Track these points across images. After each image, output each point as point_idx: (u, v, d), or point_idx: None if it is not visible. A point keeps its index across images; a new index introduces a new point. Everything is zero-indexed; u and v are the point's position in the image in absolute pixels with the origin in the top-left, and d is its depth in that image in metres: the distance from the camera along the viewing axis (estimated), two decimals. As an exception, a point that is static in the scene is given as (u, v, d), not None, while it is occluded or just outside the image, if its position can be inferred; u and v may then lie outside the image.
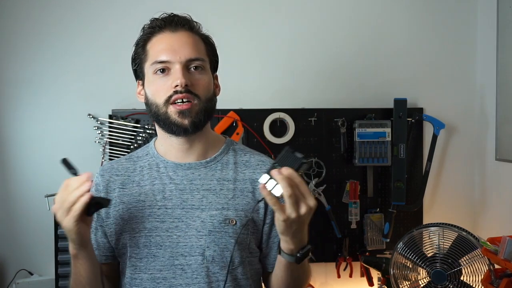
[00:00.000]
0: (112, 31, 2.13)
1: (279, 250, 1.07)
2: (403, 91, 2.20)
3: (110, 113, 2.11)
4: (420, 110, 2.20)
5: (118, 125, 2.08)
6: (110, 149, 2.08)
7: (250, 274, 1.17)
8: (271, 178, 0.97)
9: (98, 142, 2.09)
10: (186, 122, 1.09)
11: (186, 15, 1.16)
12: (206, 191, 1.14)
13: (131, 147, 2.08)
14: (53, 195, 1.98)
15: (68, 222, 0.98)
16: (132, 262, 1.13)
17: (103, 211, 1.16)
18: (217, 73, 1.24)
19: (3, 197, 2.12)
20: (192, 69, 1.11)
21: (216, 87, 1.20)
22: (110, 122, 2.09)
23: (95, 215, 1.17)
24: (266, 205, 1.17)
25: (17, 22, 2.11)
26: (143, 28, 1.16)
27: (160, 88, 1.10)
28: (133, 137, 2.09)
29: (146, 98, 1.15)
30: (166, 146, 1.18)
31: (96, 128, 2.09)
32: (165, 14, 1.15)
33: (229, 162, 1.19)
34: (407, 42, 2.23)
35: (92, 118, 2.10)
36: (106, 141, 2.09)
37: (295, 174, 0.98)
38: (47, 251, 2.03)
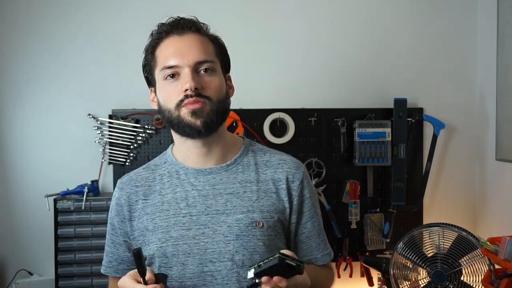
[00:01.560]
0: (112, 31, 2.13)
1: None
2: (403, 91, 2.20)
3: (110, 113, 2.10)
4: (420, 110, 2.20)
5: (118, 125, 2.08)
6: (110, 149, 2.08)
7: None
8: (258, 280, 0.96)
9: (98, 142, 2.09)
10: (198, 122, 1.08)
11: (192, 17, 1.14)
12: (229, 195, 1.13)
13: (131, 147, 2.08)
14: (53, 195, 1.98)
15: None
16: (162, 271, 1.11)
17: (127, 224, 1.16)
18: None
19: (3, 197, 2.12)
20: (202, 71, 1.10)
21: (230, 88, 1.19)
22: (110, 122, 2.09)
23: (118, 230, 1.18)
24: (290, 203, 1.16)
25: (16, 22, 2.11)
26: (152, 34, 1.15)
27: (170, 93, 1.09)
28: (133, 137, 2.09)
29: (159, 105, 1.14)
30: (184, 152, 1.17)
31: (96, 128, 2.09)
32: (172, 18, 1.13)
33: (249, 163, 1.18)
34: (407, 42, 2.23)
35: (92, 118, 2.10)
36: (106, 141, 2.09)
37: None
38: (47, 251, 2.03)
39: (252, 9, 2.19)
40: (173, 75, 1.09)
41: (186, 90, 1.07)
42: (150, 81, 1.17)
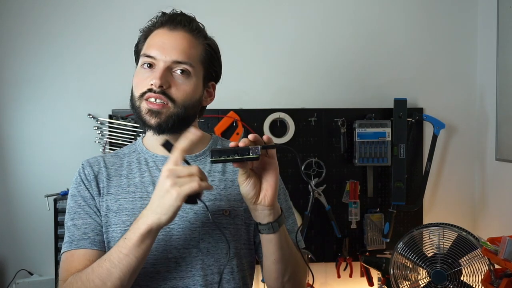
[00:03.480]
0: (112, 31, 2.13)
1: (257, 227, 1.04)
2: (403, 91, 2.20)
3: (110, 113, 2.11)
4: (420, 110, 2.20)
5: (118, 125, 2.08)
6: (110, 149, 2.08)
7: (245, 266, 1.17)
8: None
9: (98, 142, 2.09)
10: (152, 122, 1.07)
11: (192, 15, 1.14)
12: None
13: (131, 147, 2.08)
14: (53, 195, 1.98)
15: (182, 191, 0.90)
16: None
17: (97, 199, 1.12)
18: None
19: (3, 197, 2.12)
20: (177, 71, 1.08)
21: (209, 95, 1.17)
22: (110, 122, 2.09)
23: (91, 201, 1.11)
24: None
25: (17, 22, 2.11)
26: (152, 19, 1.15)
27: (140, 82, 1.09)
28: (133, 137, 2.09)
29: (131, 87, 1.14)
30: (153, 141, 1.17)
31: (96, 128, 2.09)
32: (174, 10, 1.14)
33: None
34: (407, 42, 2.23)
35: (92, 118, 2.10)
36: (106, 141, 2.09)
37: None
38: (47, 251, 2.03)
39: (252, 10, 2.19)
40: (150, 65, 1.09)
41: (151, 84, 1.06)
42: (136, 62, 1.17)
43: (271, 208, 0.99)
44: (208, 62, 1.14)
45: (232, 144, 0.93)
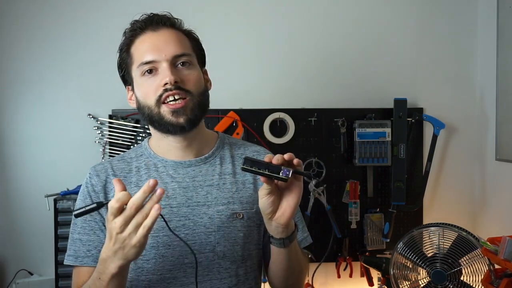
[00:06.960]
0: (112, 31, 2.12)
1: (270, 239, 1.06)
2: (403, 91, 2.20)
3: (110, 113, 2.11)
4: (420, 110, 2.20)
5: (118, 125, 2.08)
6: (110, 149, 2.08)
7: (256, 266, 1.19)
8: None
9: (98, 142, 2.09)
10: (181, 120, 1.07)
11: (166, 13, 1.14)
12: (209, 187, 1.14)
13: (131, 147, 2.08)
14: (53, 195, 1.98)
15: (140, 236, 0.88)
16: (138, 264, 1.10)
17: (104, 212, 1.13)
18: (216, 71, 1.22)
19: (3, 197, 2.12)
20: (179, 65, 1.09)
21: (207, 81, 1.19)
22: (110, 122, 2.09)
23: (96, 216, 1.13)
24: None
25: (17, 22, 2.11)
26: (125, 32, 1.15)
27: (149, 89, 1.08)
28: (133, 137, 2.09)
29: (138, 102, 1.13)
30: (165, 146, 1.16)
31: (96, 128, 2.09)
32: (145, 15, 1.14)
33: (226, 156, 1.19)
34: (407, 42, 2.23)
35: (92, 118, 2.10)
36: (106, 141, 2.09)
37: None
38: (47, 251, 2.03)
39: (252, 9, 2.19)
40: (150, 71, 1.08)
41: (166, 84, 1.06)
42: (127, 80, 1.16)
43: (286, 226, 1.00)
44: (198, 49, 1.16)
45: (266, 158, 0.94)
